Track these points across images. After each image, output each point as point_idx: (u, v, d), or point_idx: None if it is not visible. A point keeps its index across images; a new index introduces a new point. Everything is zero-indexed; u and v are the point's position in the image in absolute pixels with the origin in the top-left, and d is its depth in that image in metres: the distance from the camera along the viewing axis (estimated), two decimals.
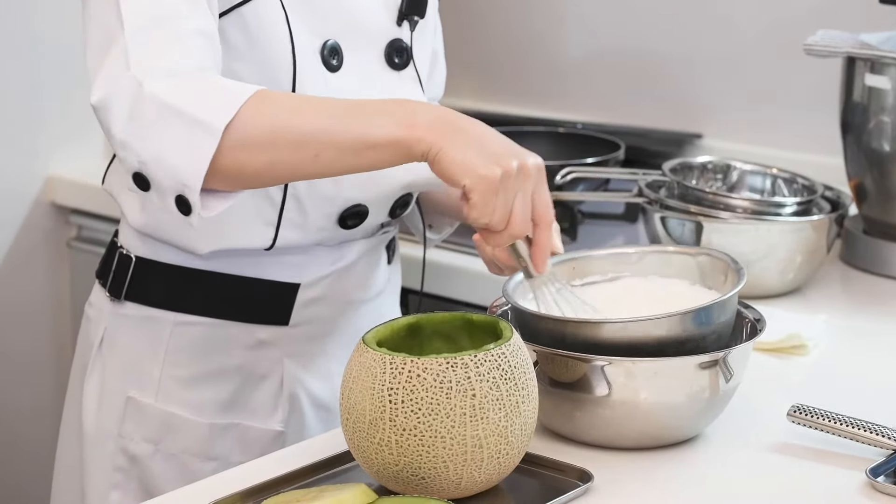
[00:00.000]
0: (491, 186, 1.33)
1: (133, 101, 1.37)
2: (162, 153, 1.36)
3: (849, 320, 1.87)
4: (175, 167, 1.36)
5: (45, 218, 2.60)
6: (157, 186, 1.39)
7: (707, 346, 1.42)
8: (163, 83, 1.37)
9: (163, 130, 1.36)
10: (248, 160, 1.37)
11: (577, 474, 1.35)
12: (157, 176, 1.38)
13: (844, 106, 2.03)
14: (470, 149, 1.34)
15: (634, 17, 2.61)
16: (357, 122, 1.36)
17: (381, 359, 1.27)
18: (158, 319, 1.63)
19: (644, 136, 2.53)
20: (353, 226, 1.61)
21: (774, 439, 1.46)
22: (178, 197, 1.38)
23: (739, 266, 1.50)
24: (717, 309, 1.42)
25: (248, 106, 1.37)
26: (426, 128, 1.34)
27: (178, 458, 1.64)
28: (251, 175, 1.39)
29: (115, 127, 1.38)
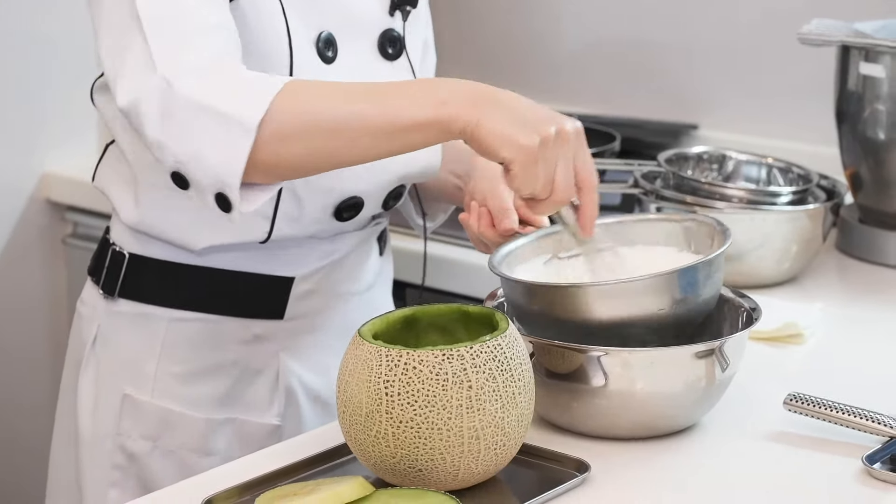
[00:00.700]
0: (531, 156, 1.32)
1: (164, 102, 1.37)
2: (199, 152, 1.36)
3: (845, 309, 1.87)
4: (213, 166, 1.36)
5: (41, 215, 2.59)
6: (196, 185, 1.39)
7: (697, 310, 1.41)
8: (192, 81, 1.37)
9: (198, 129, 1.36)
10: (284, 152, 1.37)
11: (574, 465, 1.35)
12: (196, 175, 1.38)
13: (839, 95, 2.03)
14: (505, 119, 1.32)
15: (630, 9, 2.61)
16: (390, 104, 1.36)
17: (378, 351, 1.27)
18: (153, 316, 1.62)
19: (640, 127, 2.53)
20: (349, 218, 1.61)
21: (771, 428, 1.46)
22: (218, 195, 1.38)
23: (725, 227, 1.50)
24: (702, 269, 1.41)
25: (280, 98, 1.36)
26: (459, 104, 1.33)
27: (177, 455, 1.64)
28: (289, 167, 1.39)
29: (149, 128, 1.38)
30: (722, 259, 1.46)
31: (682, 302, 1.41)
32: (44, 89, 2.56)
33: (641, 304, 1.40)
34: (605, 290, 1.40)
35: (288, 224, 1.58)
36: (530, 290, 1.43)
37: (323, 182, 1.56)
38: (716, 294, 1.46)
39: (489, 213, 1.58)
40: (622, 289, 1.40)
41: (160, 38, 1.39)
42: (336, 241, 1.65)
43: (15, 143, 2.55)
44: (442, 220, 1.81)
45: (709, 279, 1.43)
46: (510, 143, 1.32)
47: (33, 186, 2.58)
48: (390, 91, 1.38)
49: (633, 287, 1.40)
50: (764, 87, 2.48)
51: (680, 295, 1.41)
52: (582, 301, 1.39)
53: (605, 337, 1.40)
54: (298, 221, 1.58)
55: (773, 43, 2.44)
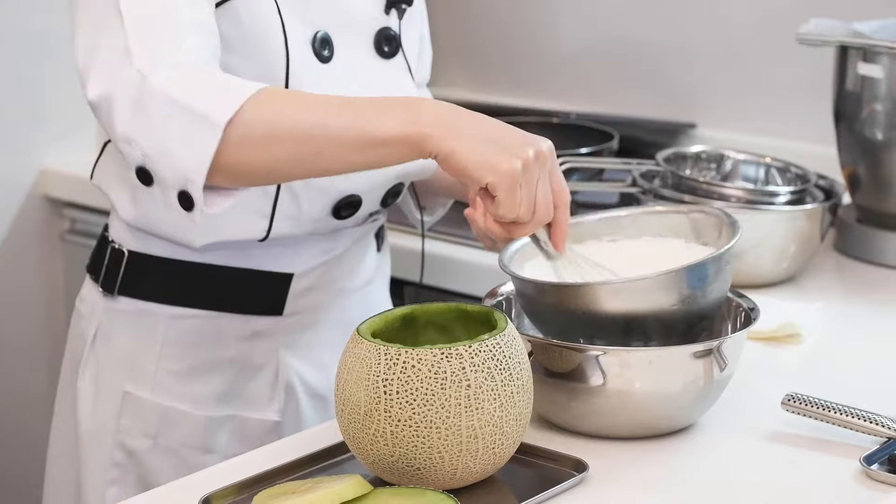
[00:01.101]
0: (515, 181, 1.32)
1: (137, 95, 1.36)
2: (166, 147, 1.36)
3: (843, 309, 1.87)
4: (178, 162, 1.36)
5: (39, 211, 2.60)
6: (160, 181, 1.38)
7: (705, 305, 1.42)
8: (167, 76, 1.36)
9: (167, 124, 1.35)
10: (250, 156, 1.36)
11: (573, 464, 1.35)
12: (161, 170, 1.37)
13: (837, 95, 2.03)
14: (482, 144, 1.32)
15: (628, 7, 2.61)
16: (361, 118, 1.35)
17: (376, 349, 1.27)
18: (152, 313, 1.63)
19: (638, 126, 2.53)
20: (347, 216, 1.61)
21: (769, 428, 1.46)
22: (181, 193, 1.38)
23: (734, 220, 1.50)
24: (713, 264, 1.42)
25: (251, 102, 1.36)
26: (432, 124, 1.33)
27: (177, 452, 1.64)
28: (254, 171, 1.38)
29: (118, 121, 1.38)
30: (731, 253, 1.45)
31: (692, 297, 1.41)
32: (41, 86, 2.56)
33: (653, 301, 1.40)
34: (615, 288, 1.40)
35: (286, 222, 1.58)
36: (541, 289, 1.43)
37: (321, 181, 1.56)
38: (726, 288, 1.46)
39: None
40: (632, 286, 1.40)
41: (140, 34, 1.38)
42: (334, 237, 1.65)
43: (13, 140, 2.55)
44: (441, 215, 1.81)
45: (719, 273, 1.43)
46: (492, 169, 1.32)
47: (31, 182, 2.58)
48: (364, 105, 1.37)
49: (643, 284, 1.40)
50: (762, 87, 2.48)
51: (690, 290, 1.41)
52: (592, 299, 1.39)
53: (616, 332, 1.40)
54: (297, 220, 1.58)
55: (771, 42, 2.44)
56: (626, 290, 1.39)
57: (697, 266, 1.41)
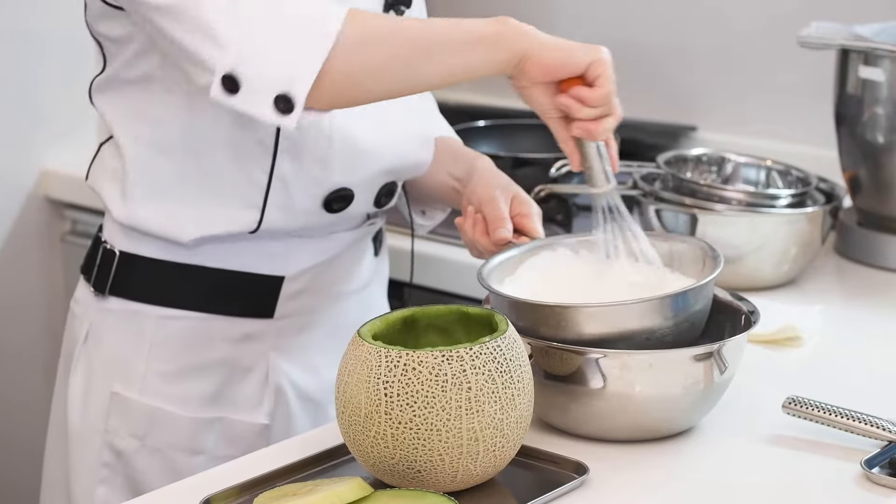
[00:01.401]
0: (610, 63, 1.43)
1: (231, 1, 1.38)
2: (268, 50, 1.37)
3: (844, 312, 1.87)
4: (283, 63, 1.37)
5: (39, 212, 2.59)
6: (251, 87, 1.38)
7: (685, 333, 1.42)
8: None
9: (271, 27, 1.37)
10: (363, 57, 1.40)
11: (573, 467, 1.35)
12: (259, 72, 1.37)
13: (838, 98, 2.03)
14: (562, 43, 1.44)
15: (628, 10, 2.61)
16: (458, 24, 1.44)
17: (377, 352, 1.27)
18: (142, 314, 1.62)
19: (639, 128, 2.53)
20: (339, 210, 1.60)
21: (769, 431, 1.46)
22: (278, 98, 1.38)
23: (717, 253, 1.50)
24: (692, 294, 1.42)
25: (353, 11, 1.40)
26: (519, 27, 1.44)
27: (164, 453, 1.64)
28: (362, 77, 1.41)
29: (213, 21, 1.38)
30: (712, 285, 1.46)
31: (670, 325, 1.41)
32: (42, 87, 2.56)
33: (629, 325, 1.39)
34: (591, 311, 1.39)
35: (278, 214, 1.57)
36: (516, 307, 1.42)
37: (312, 171, 1.56)
38: (704, 318, 1.46)
39: (484, 220, 1.59)
40: (610, 311, 1.40)
41: None
42: (328, 240, 1.65)
43: (13, 141, 2.55)
44: (441, 219, 1.81)
45: (697, 304, 1.43)
46: (589, 53, 1.42)
47: (32, 184, 2.58)
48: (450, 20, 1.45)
49: (620, 310, 1.40)
50: (763, 90, 2.48)
51: (669, 318, 1.41)
52: (568, 320, 1.39)
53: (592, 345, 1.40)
54: (289, 212, 1.58)
55: (772, 45, 2.44)
56: (603, 315, 1.39)
57: (680, 295, 1.41)
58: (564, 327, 1.39)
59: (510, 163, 2.14)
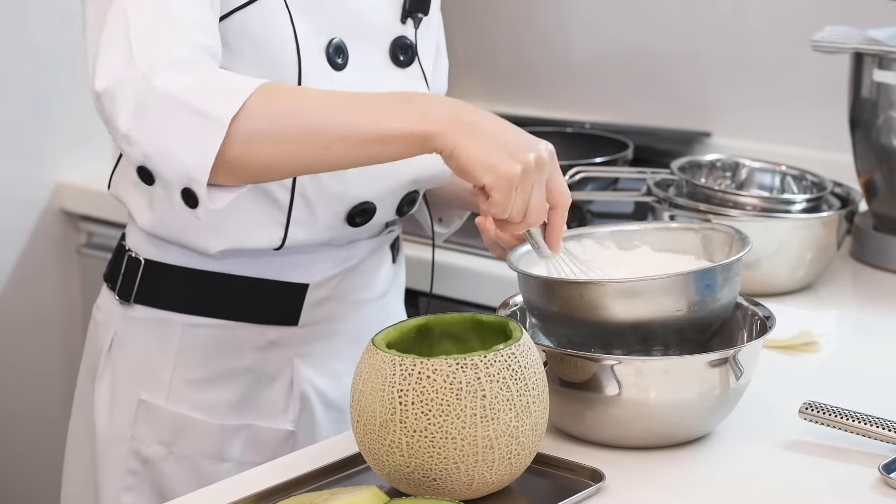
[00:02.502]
0: (511, 183, 1.35)
1: (139, 95, 1.36)
2: (168, 147, 1.36)
3: (860, 316, 1.86)
4: (181, 160, 1.36)
5: (55, 225, 2.60)
6: (161, 180, 1.39)
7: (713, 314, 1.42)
8: (169, 77, 1.36)
9: (169, 124, 1.36)
10: (256, 152, 1.36)
11: (589, 474, 1.35)
12: (163, 169, 1.37)
13: (853, 102, 2.02)
14: (486, 144, 1.34)
15: (641, 16, 2.61)
16: (368, 114, 1.36)
17: (391, 360, 1.27)
18: (168, 322, 1.63)
19: (652, 135, 2.53)
20: (362, 223, 1.61)
21: (786, 437, 1.45)
22: (185, 190, 1.38)
23: (744, 235, 1.50)
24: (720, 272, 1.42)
25: (255, 97, 1.36)
26: (439, 121, 1.35)
27: (191, 460, 1.64)
28: (259, 168, 1.38)
29: (120, 120, 1.37)
30: (739, 265, 1.46)
31: (699, 304, 1.41)
32: (54, 100, 2.57)
33: (659, 304, 1.39)
34: (623, 287, 1.40)
35: (302, 230, 1.58)
36: (548, 287, 1.43)
37: (334, 188, 1.56)
38: (733, 299, 1.46)
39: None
40: (641, 287, 1.40)
41: (142, 31, 1.38)
42: (350, 248, 1.65)
43: (28, 155, 2.56)
44: (458, 226, 1.81)
45: (726, 283, 1.43)
46: (491, 171, 1.34)
47: (47, 197, 2.59)
48: (369, 101, 1.38)
49: (651, 286, 1.40)
50: (777, 95, 2.48)
51: (697, 297, 1.41)
52: (600, 298, 1.39)
53: (623, 336, 1.40)
54: (312, 227, 1.59)
55: (785, 50, 2.44)
56: (634, 291, 1.39)
57: (706, 272, 1.41)
58: (597, 306, 1.39)
59: None
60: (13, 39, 2.50)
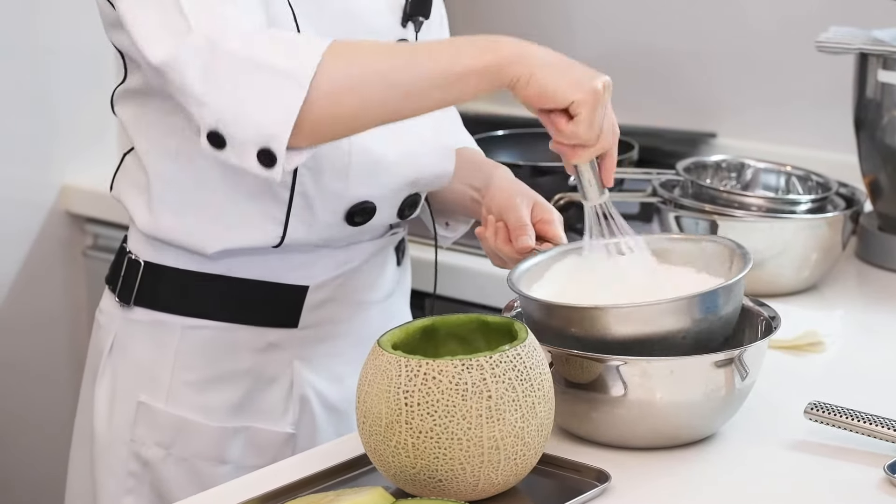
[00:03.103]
0: (598, 100, 1.40)
1: (209, 58, 1.37)
2: (245, 106, 1.37)
3: (865, 317, 1.86)
4: (260, 119, 1.37)
5: (61, 227, 2.60)
6: (235, 143, 1.39)
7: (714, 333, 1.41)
8: (237, 39, 1.38)
9: (245, 84, 1.37)
10: (338, 105, 1.39)
11: (595, 474, 1.35)
12: (239, 130, 1.38)
13: (858, 102, 2.02)
14: (560, 68, 1.40)
15: (645, 17, 2.61)
16: (440, 56, 1.41)
17: (397, 361, 1.27)
18: (168, 324, 1.63)
19: (657, 135, 2.53)
20: (361, 223, 1.61)
21: (792, 437, 1.45)
22: (261, 152, 1.38)
23: (745, 250, 1.50)
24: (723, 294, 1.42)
25: (330, 53, 1.39)
26: (511, 52, 1.39)
27: (190, 462, 1.64)
28: (342, 121, 1.41)
29: (191, 84, 1.38)
30: (742, 283, 1.45)
31: (701, 324, 1.40)
32: (60, 102, 2.57)
33: (660, 326, 1.39)
34: (623, 312, 1.39)
35: (301, 228, 1.58)
36: (548, 310, 1.42)
37: (334, 186, 1.56)
38: (735, 315, 1.46)
39: (506, 228, 1.59)
40: (641, 311, 1.39)
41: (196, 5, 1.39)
42: (351, 249, 1.65)
43: (33, 157, 2.56)
44: (464, 231, 1.81)
45: (728, 302, 1.43)
46: (578, 87, 1.40)
47: (53, 199, 2.59)
48: (437, 45, 1.44)
49: (652, 310, 1.39)
50: (782, 95, 2.48)
51: (699, 318, 1.40)
52: (601, 322, 1.39)
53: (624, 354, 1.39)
54: (311, 226, 1.58)
55: (791, 50, 2.44)
56: (635, 316, 1.39)
57: (709, 294, 1.41)
58: (597, 329, 1.39)
59: (529, 172, 2.14)
60: (20, 42, 2.50)
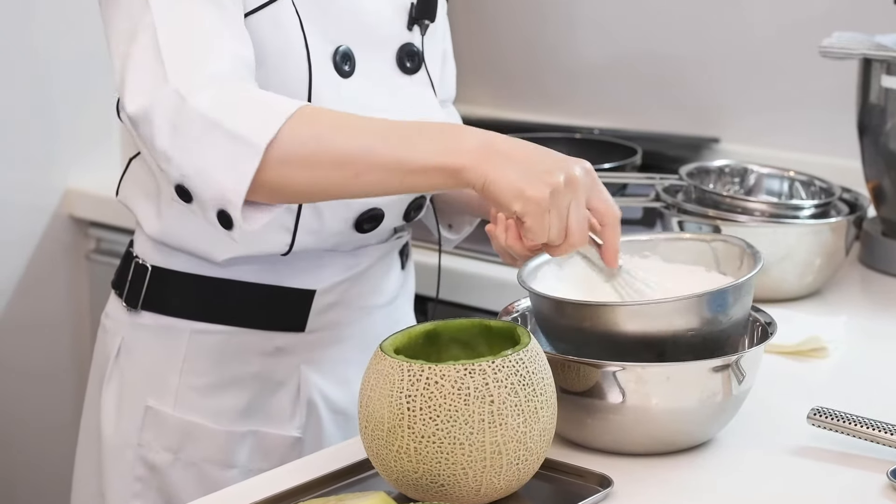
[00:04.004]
0: (541, 206, 1.33)
1: (176, 115, 1.37)
2: (205, 168, 1.36)
3: (868, 322, 1.86)
4: (217, 183, 1.36)
5: (64, 231, 2.61)
6: (198, 200, 1.39)
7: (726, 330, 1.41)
8: (205, 96, 1.36)
9: (207, 145, 1.36)
10: (289, 177, 1.37)
11: (597, 479, 1.35)
12: (200, 190, 1.38)
13: (861, 108, 2.02)
14: (515, 172, 1.33)
15: (649, 22, 2.61)
16: (401, 144, 1.36)
17: (399, 366, 1.27)
18: (175, 328, 1.63)
19: (661, 141, 2.53)
20: (370, 229, 1.61)
21: (795, 443, 1.45)
22: (220, 211, 1.38)
23: (756, 250, 1.50)
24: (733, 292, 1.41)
25: (292, 122, 1.36)
26: (470, 154, 1.34)
27: (198, 467, 1.64)
28: (292, 191, 1.39)
29: (159, 140, 1.38)
30: (753, 282, 1.45)
31: (711, 322, 1.40)
32: (64, 106, 2.57)
33: (671, 324, 1.39)
34: (634, 310, 1.39)
35: (309, 237, 1.58)
36: (559, 307, 1.42)
37: None
38: (746, 314, 1.46)
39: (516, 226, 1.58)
40: (652, 309, 1.39)
41: (174, 48, 1.39)
42: (358, 254, 1.65)
43: (36, 161, 2.56)
44: (468, 233, 1.81)
45: (739, 301, 1.43)
46: (520, 197, 1.33)
47: (56, 203, 2.59)
48: (403, 131, 1.37)
49: (663, 308, 1.39)
50: (785, 101, 2.48)
51: (710, 316, 1.40)
52: (611, 319, 1.39)
53: (634, 352, 1.39)
54: (319, 234, 1.59)
55: (794, 56, 2.44)
56: (645, 313, 1.39)
57: (719, 292, 1.40)
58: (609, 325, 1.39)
59: None
60: (22, 45, 2.50)
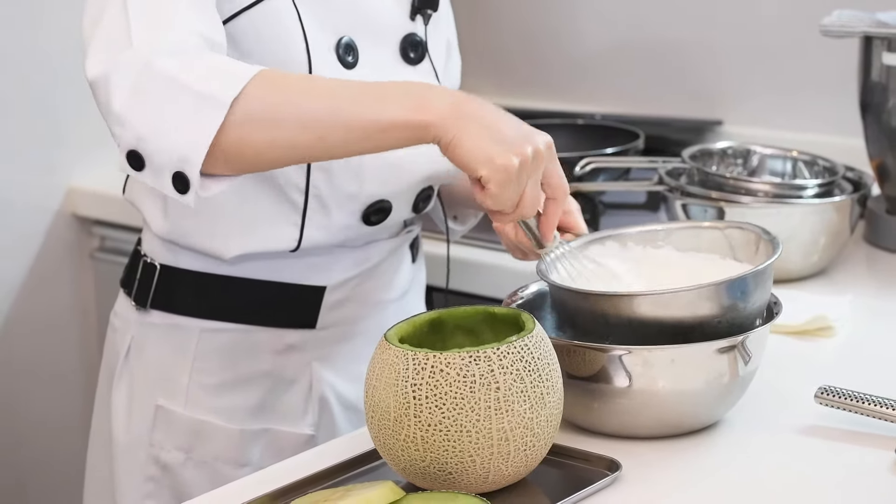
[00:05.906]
0: (508, 176, 1.32)
1: (137, 77, 1.35)
2: (163, 128, 1.34)
3: (874, 300, 1.86)
4: (176, 142, 1.34)
5: (68, 230, 2.61)
6: (153, 164, 1.36)
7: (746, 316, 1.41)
8: (169, 59, 1.35)
9: (169, 104, 1.34)
10: (251, 137, 1.34)
11: (605, 464, 1.35)
12: (156, 152, 1.35)
13: (863, 86, 2.02)
14: (483, 137, 1.32)
15: (650, 6, 2.60)
16: (367, 104, 1.34)
17: (404, 355, 1.27)
18: (185, 327, 1.63)
19: (664, 124, 2.53)
20: (378, 222, 1.61)
21: (803, 422, 1.45)
22: (175, 175, 1.36)
23: (773, 236, 1.49)
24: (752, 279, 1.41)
25: (255, 82, 1.35)
26: (438, 111, 1.32)
27: (210, 466, 1.64)
28: (253, 154, 1.36)
29: (116, 101, 1.36)
30: (772, 268, 1.44)
31: (731, 310, 1.40)
32: (67, 105, 2.57)
33: (695, 311, 1.38)
34: (655, 298, 1.39)
35: (318, 231, 1.58)
36: (581, 298, 1.42)
37: (349, 187, 1.56)
38: (765, 300, 1.45)
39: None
40: (673, 298, 1.39)
41: (142, 18, 1.37)
42: (368, 249, 1.65)
43: (39, 160, 2.56)
44: (474, 223, 1.80)
45: (758, 287, 1.42)
46: (488, 163, 1.32)
47: (59, 202, 2.59)
48: (368, 90, 1.36)
49: (684, 296, 1.39)
50: (787, 81, 2.47)
51: (729, 303, 1.39)
52: (632, 307, 1.38)
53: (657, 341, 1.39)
54: (328, 228, 1.58)
55: (795, 36, 2.43)
56: (666, 301, 1.38)
57: (740, 280, 1.40)
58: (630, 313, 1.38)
59: None
60: (25, 46, 2.50)
